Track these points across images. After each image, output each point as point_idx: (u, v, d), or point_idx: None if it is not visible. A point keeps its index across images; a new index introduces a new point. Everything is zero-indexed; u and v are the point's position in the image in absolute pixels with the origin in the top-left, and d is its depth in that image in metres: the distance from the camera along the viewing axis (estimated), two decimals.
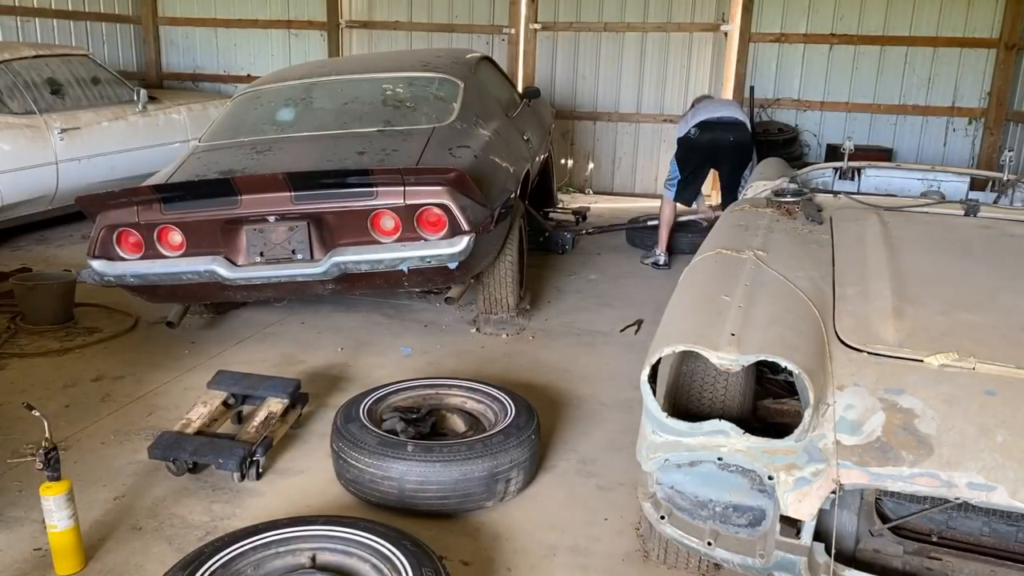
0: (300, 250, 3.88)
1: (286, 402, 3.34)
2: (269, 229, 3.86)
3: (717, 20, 8.63)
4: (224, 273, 3.89)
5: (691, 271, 2.74)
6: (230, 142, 4.65)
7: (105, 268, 3.96)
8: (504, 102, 5.61)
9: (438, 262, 3.84)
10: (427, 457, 2.79)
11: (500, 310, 4.63)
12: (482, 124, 4.78)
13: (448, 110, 4.71)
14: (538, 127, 6.12)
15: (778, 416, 2.40)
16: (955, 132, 8.34)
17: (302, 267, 3.89)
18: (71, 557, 2.53)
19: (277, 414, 3.27)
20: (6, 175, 5.99)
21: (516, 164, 4.84)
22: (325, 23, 9.51)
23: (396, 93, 4.90)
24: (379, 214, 3.83)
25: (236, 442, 3.07)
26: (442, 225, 3.81)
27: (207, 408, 3.30)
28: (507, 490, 2.91)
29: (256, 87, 5.34)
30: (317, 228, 3.86)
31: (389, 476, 2.78)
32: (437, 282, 4.13)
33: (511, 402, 3.18)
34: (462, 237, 3.79)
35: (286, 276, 3.91)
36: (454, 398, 3.36)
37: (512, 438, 2.92)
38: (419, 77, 5.03)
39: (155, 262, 3.95)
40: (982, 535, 2.15)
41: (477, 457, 2.80)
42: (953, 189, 4.15)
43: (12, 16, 8.24)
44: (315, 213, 3.82)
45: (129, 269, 3.94)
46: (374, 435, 2.90)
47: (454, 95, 4.84)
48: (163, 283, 3.99)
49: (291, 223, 3.85)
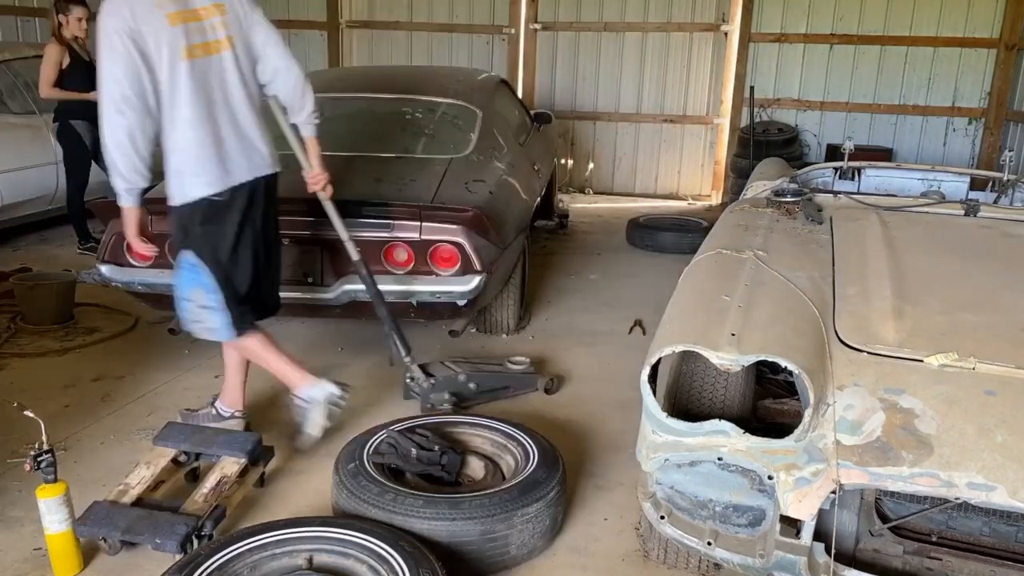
0: (312, 274, 3.88)
1: (243, 461, 2.88)
2: (283, 251, 3.86)
3: (717, 20, 8.63)
4: None
5: (691, 271, 2.73)
6: None
7: (114, 274, 3.95)
8: (516, 128, 5.61)
9: (448, 298, 3.84)
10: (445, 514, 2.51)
11: (499, 331, 4.68)
12: (497, 156, 4.79)
13: (466, 140, 4.70)
14: (545, 153, 6.11)
15: (778, 416, 2.40)
16: (955, 132, 8.34)
17: (312, 292, 3.88)
18: (69, 560, 2.53)
19: (232, 477, 2.80)
20: (6, 175, 5.99)
21: (528, 197, 4.88)
22: (325, 23, 9.51)
23: (415, 119, 4.90)
24: (393, 246, 3.82)
25: (180, 516, 2.59)
26: (455, 262, 3.81)
27: (150, 470, 2.81)
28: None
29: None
30: (330, 254, 3.86)
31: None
32: (444, 316, 4.14)
33: (532, 445, 2.91)
34: (474, 276, 3.78)
35: (295, 299, 3.90)
36: (470, 438, 3.09)
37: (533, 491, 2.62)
38: (439, 103, 5.02)
39: (164, 273, 3.94)
40: (982, 535, 2.14)
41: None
42: (953, 189, 4.15)
43: (12, 16, 8.24)
44: (329, 240, 3.81)
45: (137, 277, 3.93)
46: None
47: (472, 125, 4.84)
48: (170, 293, 3.98)
49: (305, 247, 3.85)
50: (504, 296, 4.54)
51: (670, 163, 9.17)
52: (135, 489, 2.72)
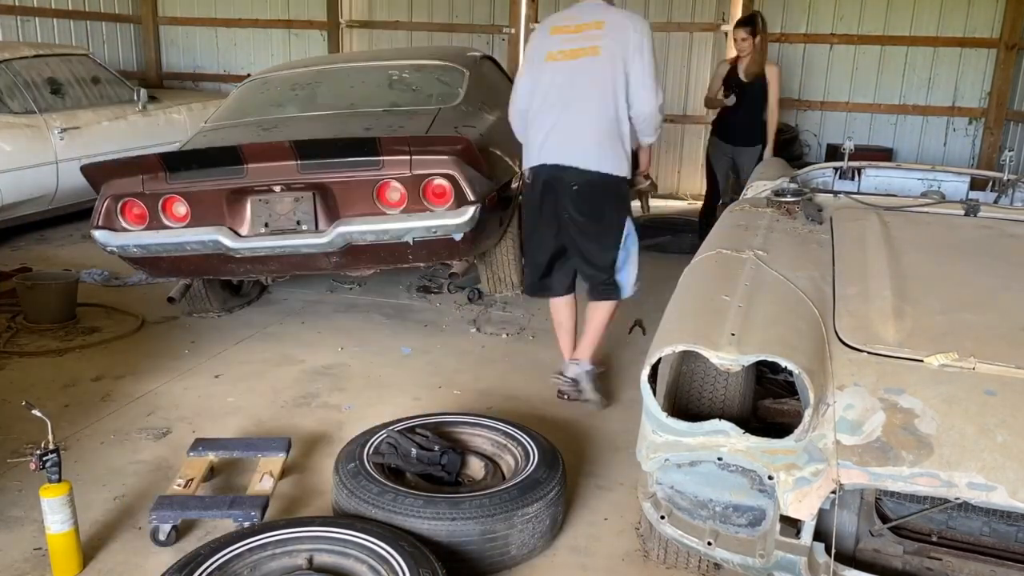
0: (305, 221, 3.86)
1: (283, 456, 2.99)
2: (274, 199, 3.85)
3: (717, 20, 8.63)
4: (228, 243, 3.87)
5: (691, 271, 2.73)
6: (236, 121, 4.68)
7: (108, 239, 3.95)
8: (505, 95, 5.62)
9: (443, 233, 3.82)
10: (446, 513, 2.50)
11: (504, 288, 4.67)
12: (486, 110, 4.80)
13: (453, 94, 4.74)
14: None
15: (778, 416, 2.40)
16: (955, 132, 8.34)
17: (307, 238, 3.87)
18: (69, 560, 2.52)
19: (277, 470, 2.91)
20: (6, 175, 5.99)
21: (518, 150, 4.86)
22: (325, 23, 9.52)
23: (402, 78, 4.94)
24: (385, 185, 3.82)
25: (247, 496, 2.73)
26: (448, 196, 3.81)
27: (194, 471, 2.86)
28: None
29: (263, 74, 5.40)
30: (323, 199, 3.85)
31: None
32: (442, 255, 4.11)
33: (532, 445, 2.89)
34: (468, 208, 3.78)
35: (291, 247, 3.89)
36: (470, 438, 3.07)
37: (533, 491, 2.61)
38: (425, 64, 5.07)
39: (159, 232, 3.93)
40: (982, 535, 2.14)
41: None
42: (953, 189, 4.14)
43: (12, 16, 8.25)
44: (321, 183, 3.80)
45: (132, 240, 3.93)
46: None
47: (459, 81, 4.88)
48: (166, 254, 3.98)
49: (297, 193, 3.84)
50: (503, 248, 4.53)
51: (670, 163, 9.17)
52: (194, 482, 2.84)
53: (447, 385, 3.98)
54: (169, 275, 4.24)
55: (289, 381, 3.98)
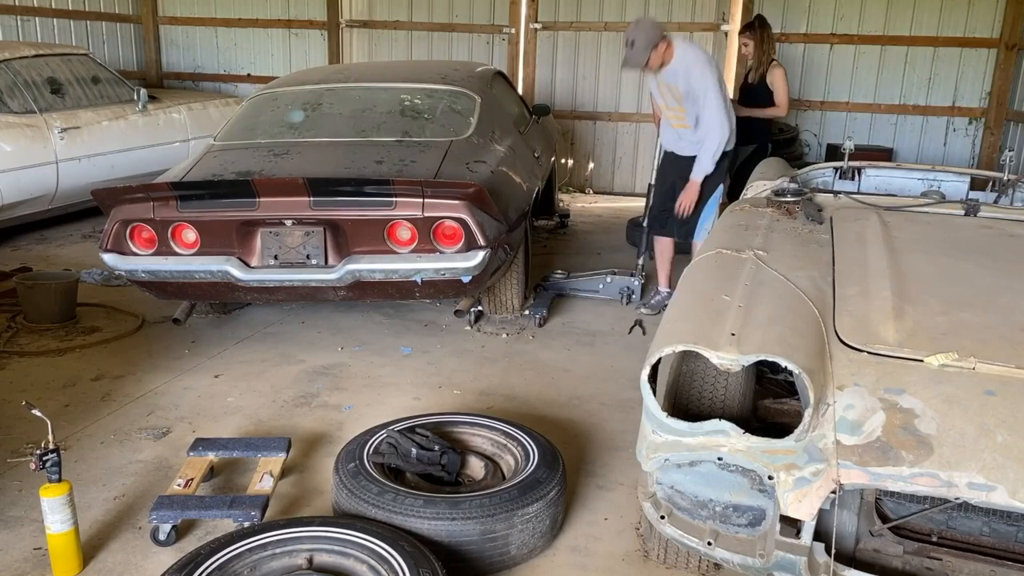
0: (315, 255, 3.88)
1: (284, 456, 3.01)
2: (285, 233, 3.86)
3: (717, 20, 8.63)
4: (237, 274, 3.89)
5: (691, 271, 2.73)
6: (247, 143, 4.66)
7: (117, 262, 3.95)
8: (516, 118, 5.63)
9: (452, 275, 3.84)
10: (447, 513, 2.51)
11: (504, 311, 4.69)
12: (497, 140, 4.80)
13: (465, 124, 4.71)
14: (546, 144, 6.13)
15: (778, 416, 2.40)
16: (955, 132, 8.34)
17: (316, 273, 3.88)
18: (69, 560, 2.52)
19: (277, 470, 2.93)
20: (6, 174, 5.98)
21: (529, 181, 4.89)
22: (325, 22, 9.51)
23: (414, 104, 4.91)
24: (396, 224, 3.83)
25: (247, 496, 2.76)
26: (459, 238, 3.82)
27: (194, 471, 2.88)
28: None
29: (273, 88, 5.34)
30: (333, 234, 3.86)
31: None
32: (448, 294, 4.13)
33: (532, 445, 2.89)
34: (477, 252, 3.79)
35: (299, 281, 3.90)
36: (470, 438, 3.08)
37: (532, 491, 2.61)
38: (437, 89, 5.03)
39: (168, 259, 3.94)
40: (982, 535, 2.14)
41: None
42: (953, 189, 4.14)
43: (12, 15, 8.24)
44: (332, 220, 3.81)
45: (141, 265, 3.93)
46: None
47: (471, 110, 4.85)
48: (174, 280, 3.98)
49: (307, 228, 3.85)
50: (509, 277, 4.54)
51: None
52: (194, 482, 2.85)
53: (447, 385, 3.98)
54: (175, 298, 4.25)
55: (289, 381, 3.98)
